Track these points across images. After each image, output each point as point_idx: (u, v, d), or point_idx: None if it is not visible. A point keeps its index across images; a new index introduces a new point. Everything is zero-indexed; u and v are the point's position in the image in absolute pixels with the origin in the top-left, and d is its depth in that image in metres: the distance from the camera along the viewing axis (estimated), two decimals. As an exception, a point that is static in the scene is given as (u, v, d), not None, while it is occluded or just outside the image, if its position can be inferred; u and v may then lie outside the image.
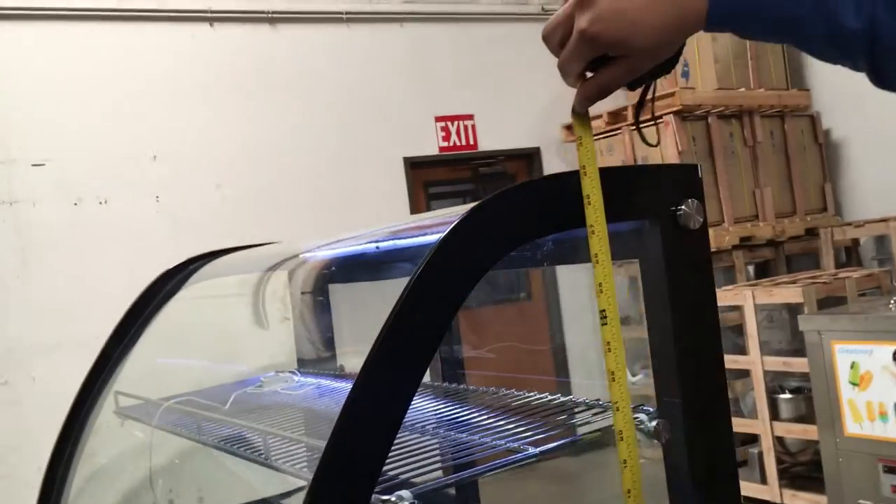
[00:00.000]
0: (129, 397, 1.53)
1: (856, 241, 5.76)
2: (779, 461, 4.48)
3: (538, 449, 0.91)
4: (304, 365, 1.76)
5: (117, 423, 1.52)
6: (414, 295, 0.79)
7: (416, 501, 0.79)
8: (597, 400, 1.09)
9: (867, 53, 0.75)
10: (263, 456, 1.01)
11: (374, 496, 0.79)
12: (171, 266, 1.73)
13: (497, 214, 0.87)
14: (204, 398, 1.40)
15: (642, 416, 0.96)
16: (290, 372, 1.65)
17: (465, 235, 0.83)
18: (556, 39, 0.85)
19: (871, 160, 5.92)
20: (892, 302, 3.79)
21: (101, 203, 4.93)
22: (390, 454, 1.02)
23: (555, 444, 0.94)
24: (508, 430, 1.03)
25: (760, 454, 4.57)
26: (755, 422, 4.56)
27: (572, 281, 5.72)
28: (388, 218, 1.26)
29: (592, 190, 0.91)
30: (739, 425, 4.78)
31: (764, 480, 4.52)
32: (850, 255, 5.81)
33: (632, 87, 0.89)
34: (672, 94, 5.31)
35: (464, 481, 0.87)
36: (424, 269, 0.79)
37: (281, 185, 5.39)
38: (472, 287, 0.84)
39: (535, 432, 1.01)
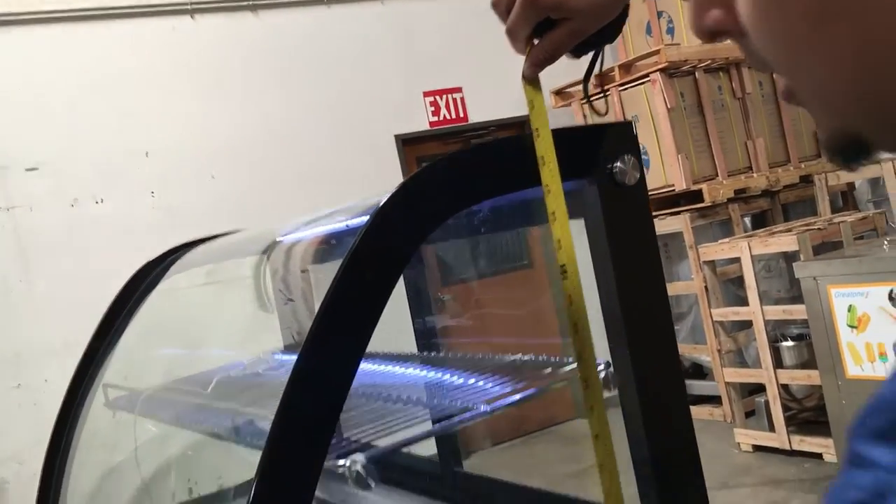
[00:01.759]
0: (118, 389, 1.57)
1: (851, 185, 5.75)
2: (785, 408, 4.51)
3: (490, 406, 0.94)
4: (291, 346, 1.80)
5: (109, 415, 1.57)
6: (351, 268, 0.82)
7: (369, 464, 0.82)
8: (568, 358, 1.12)
9: None
10: (234, 434, 1.05)
11: (330, 461, 0.83)
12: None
13: (431, 183, 0.90)
14: (189, 385, 1.44)
15: (594, 369, 0.98)
16: (274, 353, 1.69)
17: (395, 209, 0.86)
18: (504, 6, 0.89)
19: (863, 102, 5.89)
20: (886, 243, 3.80)
21: (97, 203, 4.98)
22: (352, 420, 1.06)
23: (507, 399, 0.97)
24: (471, 390, 1.06)
25: (767, 403, 4.60)
26: (759, 371, 4.59)
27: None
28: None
29: (546, 151, 0.95)
30: (744, 375, 4.82)
31: (772, 428, 4.56)
32: (846, 199, 5.81)
33: (577, 54, 0.92)
34: (657, 52, 5.29)
35: (417, 440, 0.90)
36: (359, 243, 0.82)
37: (275, 171, 5.41)
38: (411, 253, 0.87)
39: (497, 390, 1.04)
